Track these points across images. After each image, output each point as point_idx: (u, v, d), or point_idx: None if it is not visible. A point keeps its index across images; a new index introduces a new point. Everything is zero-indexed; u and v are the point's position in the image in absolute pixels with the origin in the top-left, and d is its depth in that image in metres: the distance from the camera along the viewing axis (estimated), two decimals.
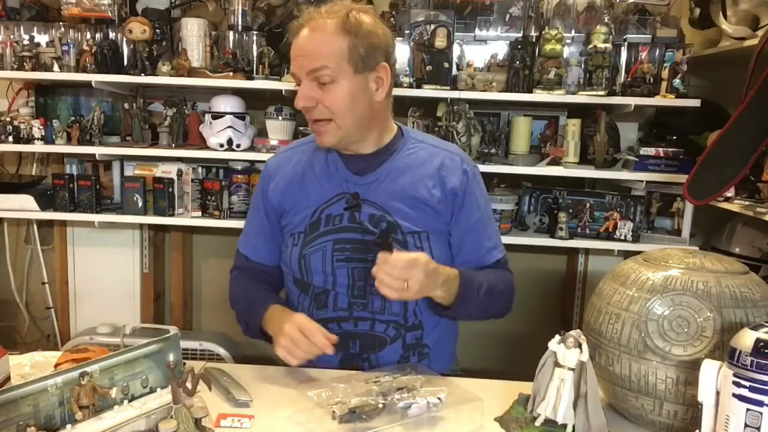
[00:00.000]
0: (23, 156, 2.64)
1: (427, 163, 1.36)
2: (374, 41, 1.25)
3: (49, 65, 2.25)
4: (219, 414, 1.07)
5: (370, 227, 1.30)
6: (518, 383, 1.20)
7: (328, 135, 1.27)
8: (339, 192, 1.33)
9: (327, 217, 1.33)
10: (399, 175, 1.34)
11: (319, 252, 1.31)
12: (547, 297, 2.64)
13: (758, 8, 1.97)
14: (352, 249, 1.30)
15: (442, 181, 1.34)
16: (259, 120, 2.41)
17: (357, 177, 1.34)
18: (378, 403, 1.04)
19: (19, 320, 2.78)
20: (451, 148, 1.43)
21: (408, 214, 1.31)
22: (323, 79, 1.22)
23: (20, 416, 0.85)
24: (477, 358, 2.49)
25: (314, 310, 1.34)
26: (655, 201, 2.28)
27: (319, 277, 1.32)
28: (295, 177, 1.38)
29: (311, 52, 1.23)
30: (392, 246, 1.19)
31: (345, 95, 1.24)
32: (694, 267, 1.06)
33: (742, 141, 1.71)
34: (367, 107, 1.28)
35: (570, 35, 2.23)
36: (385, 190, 1.32)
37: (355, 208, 1.31)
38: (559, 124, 2.36)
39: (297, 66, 1.25)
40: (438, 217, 1.34)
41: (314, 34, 1.23)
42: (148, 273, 2.60)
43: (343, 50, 1.22)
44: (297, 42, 1.25)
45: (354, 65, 1.23)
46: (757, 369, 0.81)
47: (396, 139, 1.38)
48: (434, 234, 1.33)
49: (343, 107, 1.24)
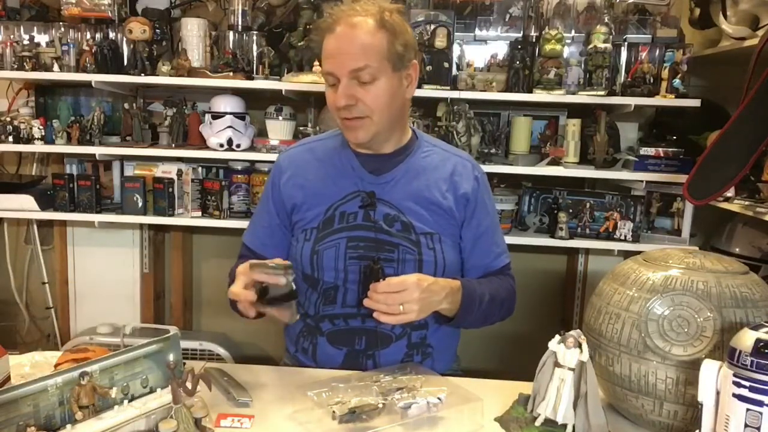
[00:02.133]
0: (23, 156, 2.64)
1: (440, 168, 1.38)
2: (408, 39, 1.27)
3: (49, 65, 2.25)
4: (219, 414, 1.06)
5: (385, 226, 1.31)
6: (518, 383, 1.21)
7: (363, 131, 1.27)
8: (354, 190, 1.34)
9: (341, 215, 1.33)
10: (414, 176, 1.35)
11: (333, 248, 1.32)
12: (547, 297, 2.64)
13: (758, 8, 1.97)
14: (366, 247, 1.31)
15: (454, 186, 1.36)
16: (259, 120, 2.40)
17: (372, 176, 1.34)
18: (378, 403, 1.04)
19: (19, 320, 2.78)
20: (463, 154, 1.45)
21: (421, 216, 1.33)
22: (364, 77, 1.22)
23: (20, 416, 0.85)
24: (477, 358, 2.49)
25: (321, 306, 1.34)
26: (655, 201, 2.28)
27: (331, 273, 1.32)
28: (308, 173, 1.38)
29: (353, 50, 1.21)
30: (381, 274, 1.20)
31: (385, 93, 1.24)
32: (694, 267, 1.06)
33: (742, 141, 1.71)
34: (401, 105, 1.31)
35: (570, 35, 2.23)
36: (400, 191, 1.34)
37: (371, 206, 1.32)
38: (559, 124, 2.37)
39: (337, 64, 1.23)
40: (450, 219, 1.35)
41: (355, 31, 1.22)
42: (148, 273, 2.60)
43: (384, 48, 1.22)
44: (335, 40, 1.23)
45: (392, 63, 1.24)
46: (757, 369, 0.81)
47: (411, 141, 1.40)
48: (446, 236, 1.34)
49: (382, 105, 1.25)
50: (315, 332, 1.36)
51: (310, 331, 1.37)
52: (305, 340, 1.38)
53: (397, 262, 1.31)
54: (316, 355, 1.35)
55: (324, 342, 1.34)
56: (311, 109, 2.50)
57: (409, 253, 1.31)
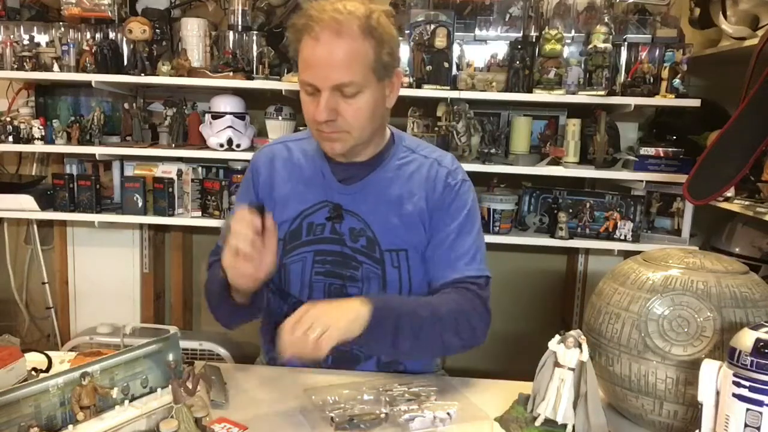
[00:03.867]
0: (23, 156, 2.64)
1: (415, 175, 1.28)
2: (394, 46, 1.17)
3: (49, 65, 2.25)
4: (217, 418, 1.04)
5: (349, 241, 1.25)
6: (518, 383, 1.20)
7: (341, 143, 1.18)
8: (322, 200, 1.27)
9: (309, 226, 1.27)
10: (386, 186, 1.26)
11: (300, 262, 1.27)
12: (547, 297, 2.64)
13: (758, 8, 1.97)
14: (333, 262, 1.26)
15: (426, 194, 1.26)
16: (259, 120, 2.41)
17: (342, 185, 1.26)
18: (381, 413, 1.03)
19: (19, 320, 2.78)
20: (443, 159, 1.31)
21: (391, 229, 1.25)
22: (348, 92, 1.12)
23: (22, 417, 0.85)
24: (477, 358, 2.49)
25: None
26: (655, 201, 2.28)
27: (296, 288, 1.28)
28: (280, 177, 1.31)
29: (338, 63, 1.09)
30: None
31: (368, 106, 1.15)
32: (694, 267, 1.06)
33: (742, 141, 1.71)
34: (381, 116, 1.22)
35: (570, 35, 2.23)
36: (370, 202, 1.26)
37: (337, 219, 1.25)
38: (559, 124, 2.37)
39: (319, 77, 1.11)
40: (421, 230, 1.26)
41: (340, 41, 1.09)
42: (148, 273, 2.60)
43: (370, 59, 1.12)
44: (316, 48, 1.10)
45: (377, 74, 1.14)
46: (757, 369, 0.81)
47: (387, 147, 1.29)
48: (414, 252, 1.26)
49: (363, 120, 1.16)
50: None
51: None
52: (274, 350, 1.33)
53: (362, 281, 1.25)
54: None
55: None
56: None
57: (372, 271, 1.25)
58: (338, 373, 1.26)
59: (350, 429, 1.00)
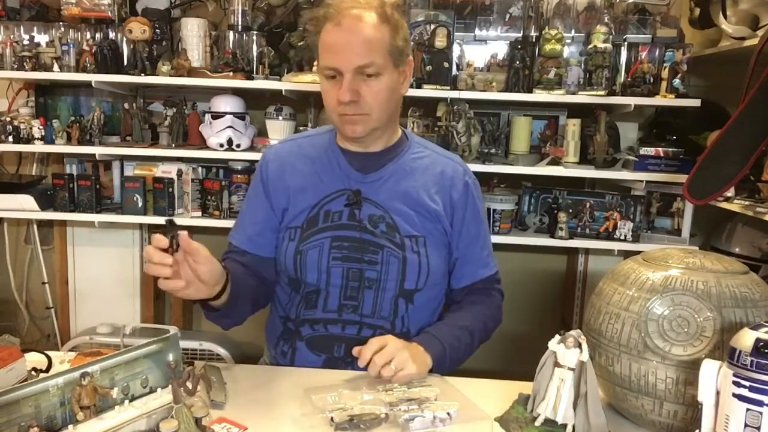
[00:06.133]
0: (23, 156, 2.64)
1: (430, 169, 1.35)
2: (406, 34, 1.26)
3: (49, 65, 2.25)
4: (217, 418, 1.05)
5: (369, 226, 1.29)
6: (518, 383, 1.20)
7: (362, 125, 1.24)
8: (340, 188, 1.31)
9: (326, 213, 1.30)
10: (402, 177, 1.33)
11: (317, 249, 1.29)
12: (547, 297, 2.64)
13: (758, 8, 1.97)
14: (350, 247, 1.29)
15: (444, 190, 1.34)
16: (259, 120, 2.41)
17: (360, 174, 1.32)
18: (381, 413, 1.03)
19: (19, 320, 2.78)
20: (455, 158, 1.42)
21: (408, 217, 1.30)
22: (370, 71, 1.20)
23: (22, 417, 0.85)
24: (477, 358, 2.48)
25: (303, 310, 1.32)
26: (655, 201, 2.28)
27: (313, 275, 1.30)
28: (294, 168, 1.35)
29: (359, 45, 1.18)
30: (174, 239, 1.02)
31: (387, 89, 1.23)
32: (694, 267, 1.06)
33: (742, 141, 1.71)
34: (397, 102, 1.29)
35: (570, 35, 2.24)
36: (388, 191, 1.31)
37: (356, 205, 1.30)
38: (559, 124, 2.37)
39: (342, 60, 1.19)
40: (437, 224, 1.33)
41: (360, 24, 1.18)
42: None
43: (387, 43, 1.20)
44: (338, 33, 1.19)
45: (393, 59, 1.23)
46: (757, 369, 0.81)
47: (401, 141, 1.37)
48: (431, 240, 1.32)
49: (382, 101, 1.23)
50: (295, 336, 1.33)
51: (290, 335, 1.34)
52: (285, 343, 1.36)
53: (381, 264, 1.29)
54: (295, 360, 1.33)
55: (303, 347, 1.32)
56: (311, 108, 2.50)
57: (393, 255, 1.28)
58: (338, 373, 1.26)
59: (350, 429, 1.00)
